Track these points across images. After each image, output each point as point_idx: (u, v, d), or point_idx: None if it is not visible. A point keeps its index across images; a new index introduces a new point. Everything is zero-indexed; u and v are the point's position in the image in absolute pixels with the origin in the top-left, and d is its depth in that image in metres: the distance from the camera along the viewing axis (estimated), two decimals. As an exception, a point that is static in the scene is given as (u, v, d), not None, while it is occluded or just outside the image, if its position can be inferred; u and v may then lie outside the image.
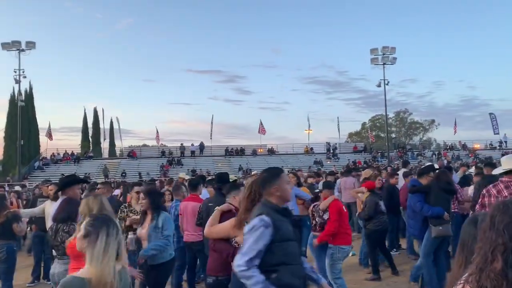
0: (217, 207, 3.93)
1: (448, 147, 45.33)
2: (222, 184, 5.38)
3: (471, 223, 2.02)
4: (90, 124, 49.67)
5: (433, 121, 65.04)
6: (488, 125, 44.98)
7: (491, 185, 4.19)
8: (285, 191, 2.87)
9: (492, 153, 37.49)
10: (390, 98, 70.84)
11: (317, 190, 7.36)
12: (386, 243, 7.70)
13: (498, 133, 44.15)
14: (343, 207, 5.82)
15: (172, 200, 7.27)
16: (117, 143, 48.38)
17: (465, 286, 1.40)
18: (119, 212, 5.60)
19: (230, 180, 5.79)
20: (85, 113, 50.27)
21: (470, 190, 6.96)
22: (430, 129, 65.05)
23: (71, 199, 4.69)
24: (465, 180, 8.43)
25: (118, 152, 48.14)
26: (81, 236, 2.44)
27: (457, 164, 16.88)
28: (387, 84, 35.74)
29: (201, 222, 5.32)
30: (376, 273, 6.89)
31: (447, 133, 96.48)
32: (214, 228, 3.72)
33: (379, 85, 36.03)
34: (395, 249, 8.65)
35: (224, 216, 3.80)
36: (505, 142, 42.94)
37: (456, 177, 9.12)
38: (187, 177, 10.07)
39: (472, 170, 9.80)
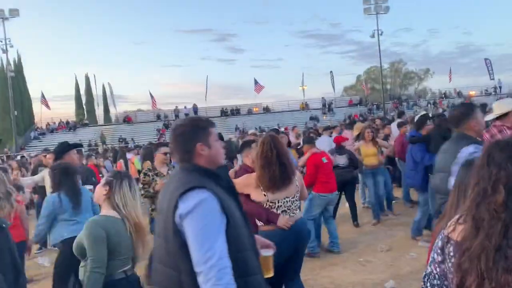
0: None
1: (443, 96, 45.23)
2: None
3: (467, 166, 2.08)
4: (82, 91, 49.15)
5: (428, 70, 64.59)
6: (484, 71, 44.67)
7: (484, 131, 4.24)
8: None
9: (487, 99, 37.47)
10: (384, 48, 69.77)
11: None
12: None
13: (493, 79, 43.92)
14: (323, 158, 5.95)
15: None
16: (111, 109, 48.08)
17: (457, 227, 1.44)
18: (142, 176, 5.27)
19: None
20: (76, 80, 49.66)
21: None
22: (425, 78, 64.71)
23: (66, 164, 4.72)
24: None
25: (113, 118, 47.94)
26: (102, 184, 2.71)
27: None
28: (381, 35, 35.23)
29: None
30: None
31: (442, 82, 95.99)
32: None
33: (373, 36, 35.52)
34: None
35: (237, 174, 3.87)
36: (500, 87, 42.82)
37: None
38: None
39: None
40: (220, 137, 5.70)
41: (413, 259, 5.45)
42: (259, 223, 3.50)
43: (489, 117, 4.42)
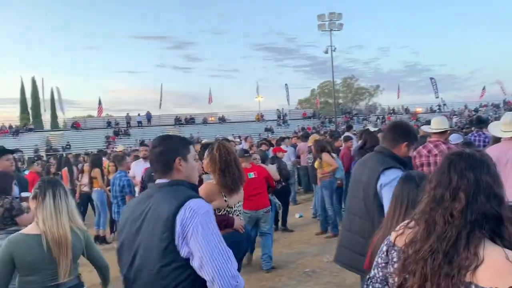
0: None
1: (392, 111, 47.16)
2: None
3: (407, 180, 2.12)
4: (28, 95, 46.87)
5: (378, 86, 67.20)
6: (430, 89, 47.23)
7: (421, 146, 4.44)
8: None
9: (432, 116, 39.51)
10: (337, 64, 72.25)
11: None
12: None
13: (438, 97, 46.50)
14: (250, 173, 5.60)
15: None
16: (60, 114, 46.12)
17: (405, 231, 1.46)
18: None
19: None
20: (22, 84, 47.39)
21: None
22: (375, 94, 67.22)
23: (1, 172, 4.46)
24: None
25: (61, 124, 45.97)
26: (31, 198, 2.65)
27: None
28: (334, 51, 36.19)
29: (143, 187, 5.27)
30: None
31: (391, 98, 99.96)
32: None
33: (326, 52, 36.41)
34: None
35: None
36: (444, 105, 45.29)
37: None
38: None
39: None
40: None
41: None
42: None
43: (425, 128, 4.62)
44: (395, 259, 1.48)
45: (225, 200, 3.52)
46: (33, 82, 46.82)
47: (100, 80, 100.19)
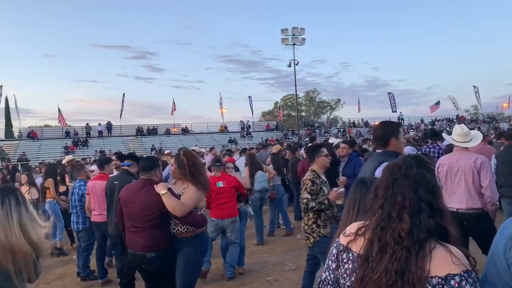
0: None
1: (352, 125, 48.43)
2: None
3: (360, 184, 2.23)
4: (-20, 103, 44.66)
5: (339, 100, 68.85)
6: (388, 104, 48.89)
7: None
8: None
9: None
10: (300, 78, 73.49)
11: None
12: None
13: (395, 111, 48.18)
14: (218, 182, 5.74)
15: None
16: (15, 123, 44.20)
17: (357, 239, 1.53)
18: (310, 184, 4.38)
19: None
20: (-26, 90, 45.11)
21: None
22: (336, 108, 68.78)
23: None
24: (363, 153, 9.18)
25: (16, 133, 44.06)
26: None
27: (359, 140, 18.35)
28: (297, 65, 36.86)
29: (108, 200, 5.18)
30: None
31: (352, 112, 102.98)
32: (185, 203, 3.69)
33: (289, 65, 37.06)
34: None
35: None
36: (402, 119, 47.00)
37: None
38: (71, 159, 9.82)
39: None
40: (132, 156, 5.50)
41: (319, 277, 5.66)
42: (192, 228, 3.82)
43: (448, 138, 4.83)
44: (345, 260, 1.55)
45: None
46: (-14, 89, 44.72)
47: (59, 88, 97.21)
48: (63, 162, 10.17)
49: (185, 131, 43.21)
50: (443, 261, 1.36)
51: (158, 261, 3.68)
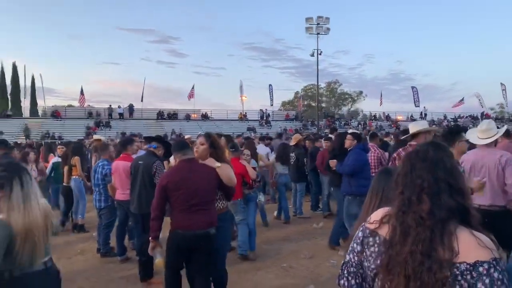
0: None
1: (373, 118, 47.85)
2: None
3: (384, 173, 2.25)
4: (8, 81, 45.80)
5: (361, 92, 68.02)
6: (411, 98, 48.11)
7: (401, 149, 4.60)
8: None
9: (411, 125, 40.17)
10: (322, 68, 72.90)
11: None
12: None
13: (418, 106, 47.41)
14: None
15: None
16: (40, 102, 45.22)
17: (382, 226, 1.55)
18: None
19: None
20: (2, 68, 46.26)
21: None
22: (358, 100, 68.02)
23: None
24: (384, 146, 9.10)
25: (40, 112, 45.05)
26: None
27: (379, 134, 18.19)
28: (320, 54, 36.51)
29: (132, 179, 5.32)
30: None
31: (374, 104, 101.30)
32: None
33: (312, 55, 36.74)
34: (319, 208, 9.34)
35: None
36: (425, 114, 46.19)
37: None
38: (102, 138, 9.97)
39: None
40: (159, 139, 5.64)
41: (333, 266, 5.69)
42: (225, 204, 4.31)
43: (405, 136, 4.78)
44: (370, 243, 1.57)
45: None
46: (14, 67, 45.82)
47: (83, 70, 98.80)
48: (90, 141, 10.39)
49: (204, 117, 43.44)
50: (470, 246, 1.37)
51: (216, 236, 3.89)
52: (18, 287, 2.37)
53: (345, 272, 1.63)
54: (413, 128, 4.63)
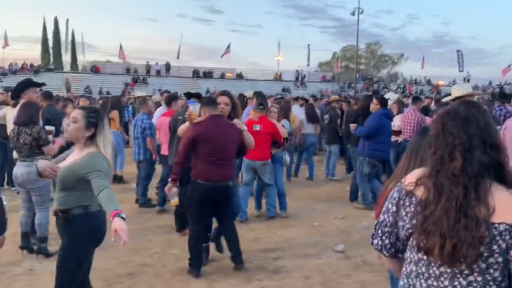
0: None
1: (413, 82, 46.26)
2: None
3: (422, 134, 2.22)
4: (50, 35, 46.85)
5: (402, 55, 65.46)
6: (455, 62, 45.89)
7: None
8: None
9: (453, 90, 38.59)
10: (363, 28, 70.15)
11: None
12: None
13: (462, 71, 45.27)
14: (255, 125, 5.80)
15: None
16: (79, 57, 46.22)
17: (418, 187, 1.54)
18: None
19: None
20: (44, 23, 47.21)
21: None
22: (398, 63, 65.64)
23: (30, 102, 4.63)
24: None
25: (80, 67, 46.18)
26: (79, 127, 2.71)
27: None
28: (361, 13, 35.11)
29: (171, 134, 5.48)
30: None
31: (415, 68, 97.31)
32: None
33: (353, 13, 35.43)
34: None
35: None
36: (468, 79, 44.22)
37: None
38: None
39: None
40: (198, 96, 5.71)
41: (364, 228, 5.74)
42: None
43: (446, 98, 4.62)
44: (407, 204, 1.57)
45: None
46: (55, 22, 46.68)
47: (122, 25, 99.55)
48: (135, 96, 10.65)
49: (239, 76, 43.28)
50: (509, 205, 1.35)
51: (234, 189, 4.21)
52: (92, 221, 2.70)
53: (379, 231, 1.64)
54: (456, 91, 4.47)
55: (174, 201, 4.37)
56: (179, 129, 4.53)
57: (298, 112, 9.42)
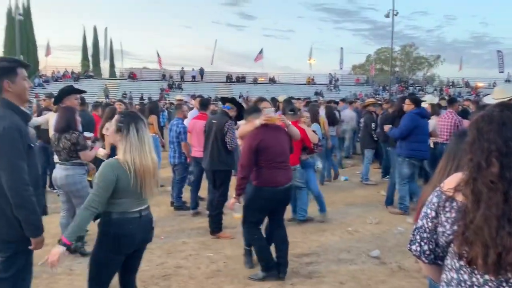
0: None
1: (451, 84, 44.87)
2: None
3: (461, 136, 2.15)
4: (89, 43, 48.61)
5: (438, 56, 63.71)
6: (495, 64, 44.20)
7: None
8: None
9: (494, 92, 37.16)
10: (398, 30, 68.71)
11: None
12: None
13: (502, 72, 43.53)
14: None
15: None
16: (117, 64, 47.69)
17: (455, 193, 1.49)
18: None
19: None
20: (84, 32, 49.08)
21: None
22: (435, 65, 63.87)
23: (68, 108, 4.76)
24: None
25: (118, 73, 47.63)
26: (112, 132, 2.77)
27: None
28: (395, 15, 34.42)
29: (206, 137, 5.57)
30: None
31: (452, 70, 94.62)
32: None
33: (387, 16, 34.77)
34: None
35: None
36: (509, 81, 42.47)
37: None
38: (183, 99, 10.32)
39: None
40: (233, 101, 5.79)
41: (401, 233, 5.61)
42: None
43: (487, 99, 4.43)
44: (447, 209, 1.52)
45: None
46: (95, 31, 48.47)
47: (157, 33, 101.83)
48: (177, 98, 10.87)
49: (272, 81, 43.34)
50: None
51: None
52: (113, 228, 2.66)
53: (418, 237, 1.59)
54: (498, 93, 4.27)
55: (238, 215, 4.26)
56: (240, 130, 4.59)
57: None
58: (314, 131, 6.28)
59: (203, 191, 6.53)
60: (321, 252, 4.96)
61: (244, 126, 4.44)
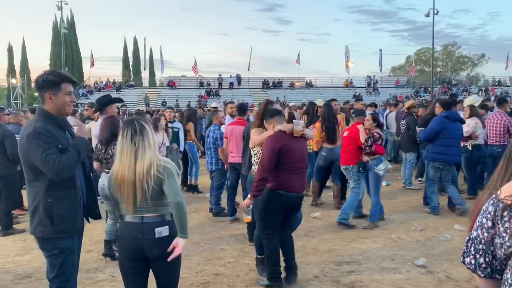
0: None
1: (497, 83, 42.92)
2: None
3: None
4: (130, 54, 50.18)
5: (483, 55, 61.27)
6: (546, 60, 41.93)
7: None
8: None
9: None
10: (438, 30, 66.64)
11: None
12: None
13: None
14: (344, 132, 6.47)
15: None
16: (157, 73, 48.94)
17: None
18: None
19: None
20: (125, 42, 50.76)
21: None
22: (479, 64, 61.45)
23: (110, 118, 4.83)
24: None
25: (157, 82, 48.89)
26: None
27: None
28: (436, 14, 33.40)
29: (245, 143, 5.56)
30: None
31: (498, 69, 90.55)
32: None
33: (427, 15, 33.79)
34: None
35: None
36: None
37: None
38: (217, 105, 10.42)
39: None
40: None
41: (447, 240, 5.35)
42: None
43: None
44: (506, 219, 1.39)
45: None
46: (135, 41, 50.03)
47: (194, 41, 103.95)
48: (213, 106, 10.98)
49: (309, 85, 43.06)
50: None
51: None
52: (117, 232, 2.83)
53: (472, 249, 1.47)
54: None
55: (249, 217, 4.22)
56: (260, 138, 4.40)
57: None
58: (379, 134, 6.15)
59: (239, 197, 6.51)
60: (362, 260, 4.79)
61: (262, 135, 4.33)
